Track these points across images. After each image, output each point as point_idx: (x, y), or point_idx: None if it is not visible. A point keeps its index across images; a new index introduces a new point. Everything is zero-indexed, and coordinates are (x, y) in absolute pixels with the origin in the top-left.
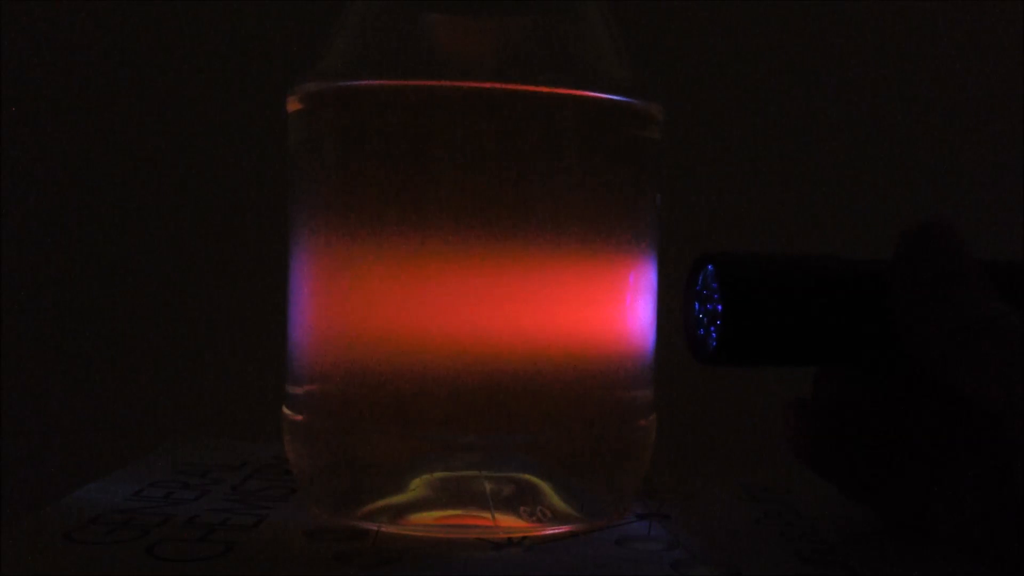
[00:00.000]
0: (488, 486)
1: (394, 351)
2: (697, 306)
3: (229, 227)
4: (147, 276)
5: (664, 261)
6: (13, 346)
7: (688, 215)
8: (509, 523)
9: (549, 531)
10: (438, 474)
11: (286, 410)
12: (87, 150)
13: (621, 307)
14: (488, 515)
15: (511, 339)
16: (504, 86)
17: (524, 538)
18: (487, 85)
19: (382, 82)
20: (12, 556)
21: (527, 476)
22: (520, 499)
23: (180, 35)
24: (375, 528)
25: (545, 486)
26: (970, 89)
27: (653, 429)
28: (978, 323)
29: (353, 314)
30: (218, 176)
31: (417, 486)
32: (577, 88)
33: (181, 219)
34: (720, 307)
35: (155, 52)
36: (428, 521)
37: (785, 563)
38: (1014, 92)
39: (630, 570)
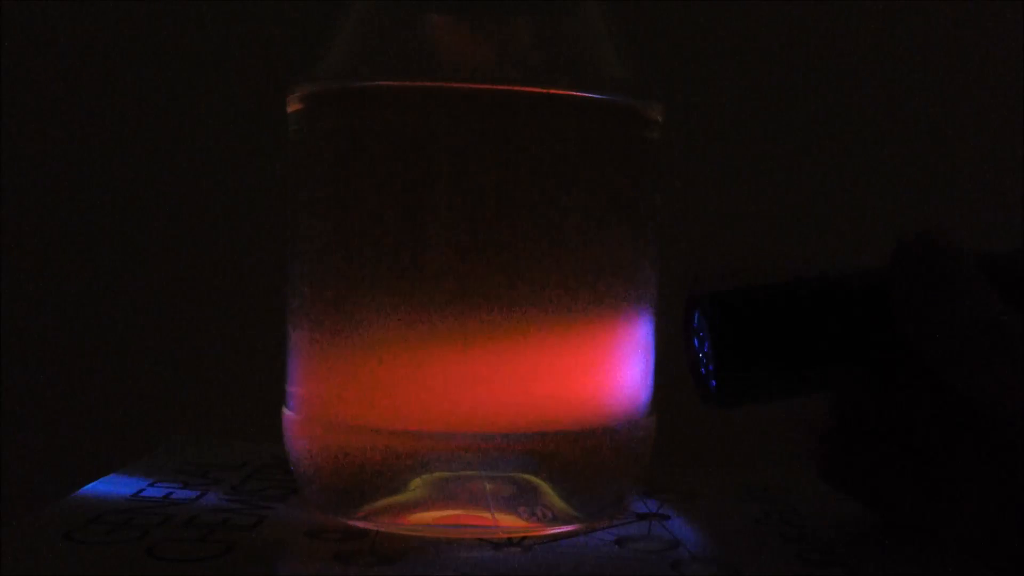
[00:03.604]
0: (488, 486)
1: (394, 351)
2: (695, 349)
3: (229, 227)
4: (147, 276)
5: (664, 262)
6: (13, 346)
7: (689, 215)
8: (509, 523)
9: (549, 531)
10: (438, 474)
11: (286, 410)
12: (87, 150)
13: (621, 309)
14: (488, 515)
15: (511, 339)
16: (504, 87)
17: (524, 538)
18: (487, 86)
19: (382, 82)
20: (12, 556)
21: (527, 476)
22: (520, 499)
23: (180, 35)
24: (375, 528)
25: (545, 486)
26: (970, 94)
27: (653, 429)
28: (978, 326)
29: (353, 314)
30: (218, 176)
31: (417, 486)
32: (577, 88)
33: (181, 219)
34: (713, 351)
35: (155, 52)
36: (428, 521)
37: (785, 563)
38: (1013, 98)
39: (630, 570)
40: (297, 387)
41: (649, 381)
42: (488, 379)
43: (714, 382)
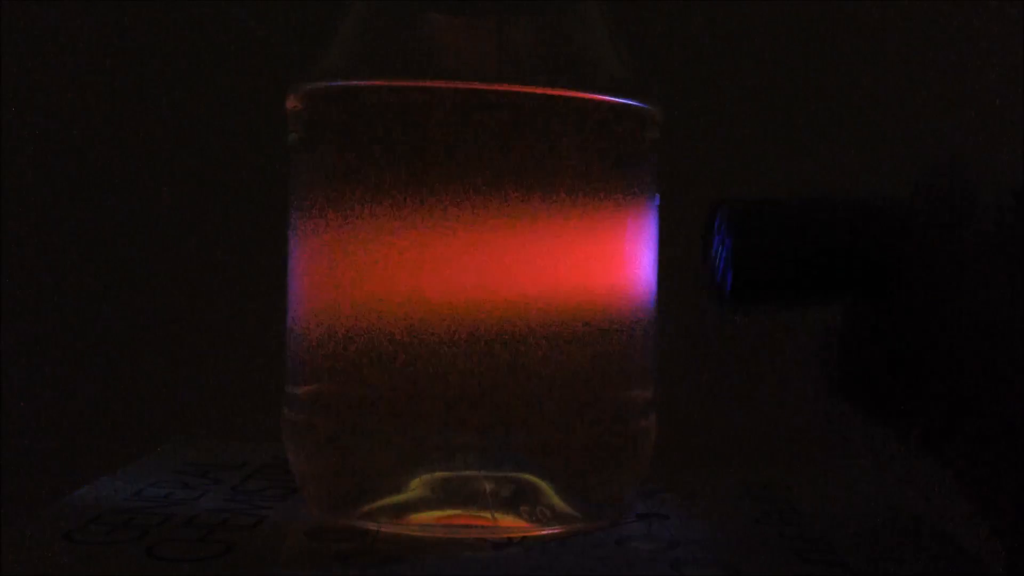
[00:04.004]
0: (488, 486)
1: (394, 351)
2: (713, 252)
3: (229, 227)
4: (147, 276)
5: (664, 259)
6: (13, 346)
7: (690, 214)
8: (509, 523)
9: (549, 531)
10: (438, 474)
11: (286, 410)
12: (86, 150)
13: (621, 307)
14: (488, 515)
15: (511, 339)
16: (504, 87)
17: (524, 538)
18: (487, 86)
19: (382, 82)
20: (12, 556)
21: (527, 476)
22: (520, 499)
23: (180, 35)
24: (375, 528)
25: (545, 486)
26: (971, 92)
27: (653, 429)
28: (991, 258)
29: (353, 314)
30: (218, 176)
31: (417, 486)
32: (577, 89)
33: (180, 219)
34: (730, 250)
35: (154, 52)
36: (428, 521)
37: (785, 563)
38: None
39: (630, 570)
40: (297, 387)
41: (650, 381)
42: (488, 379)
43: (730, 279)
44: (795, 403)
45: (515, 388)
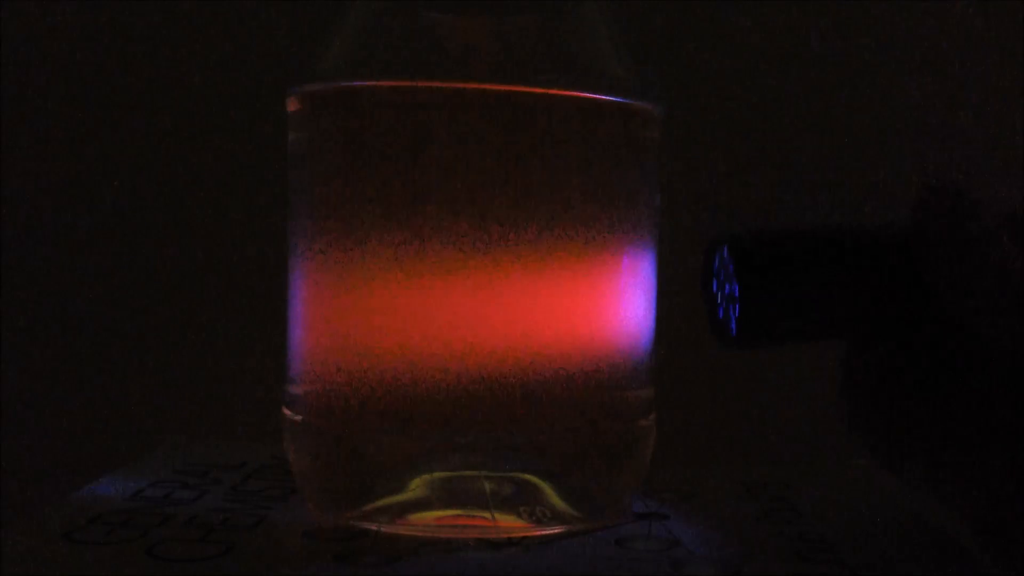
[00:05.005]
0: (488, 486)
1: (393, 351)
2: (715, 291)
3: (229, 227)
4: (147, 276)
5: (664, 256)
6: (13, 346)
7: (691, 210)
8: (509, 523)
9: (549, 531)
10: (438, 474)
11: (286, 410)
12: (86, 150)
13: (620, 305)
14: (488, 515)
15: (511, 338)
16: (504, 86)
17: (524, 538)
18: (487, 86)
19: (382, 82)
20: (12, 556)
21: (527, 476)
22: (520, 499)
23: (180, 35)
24: (375, 528)
25: (545, 486)
26: (972, 88)
27: (653, 429)
28: (1007, 276)
29: (353, 314)
30: (218, 176)
31: (417, 486)
32: (577, 88)
33: (181, 219)
34: (737, 290)
35: (154, 52)
36: (428, 521)
37: (785, 562)
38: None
39: (630, 570)
40: (297, 387)
41: (649, 380)
42: (488, 379)
43: (734, 323)
44: (795, 403)
45: (515, 388)
